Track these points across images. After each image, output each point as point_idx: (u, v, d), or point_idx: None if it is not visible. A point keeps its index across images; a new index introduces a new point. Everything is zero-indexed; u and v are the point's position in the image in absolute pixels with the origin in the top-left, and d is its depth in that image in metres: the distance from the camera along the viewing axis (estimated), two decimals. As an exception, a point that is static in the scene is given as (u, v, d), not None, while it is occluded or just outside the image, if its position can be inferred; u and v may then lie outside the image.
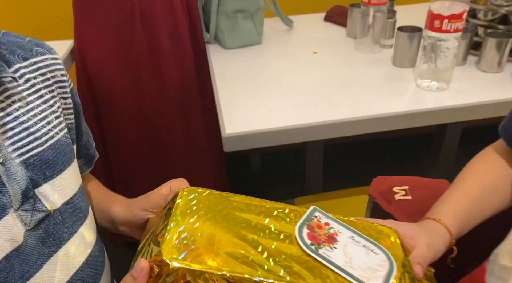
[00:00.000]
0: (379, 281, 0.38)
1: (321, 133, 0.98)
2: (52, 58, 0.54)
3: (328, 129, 0.97)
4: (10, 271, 0.41)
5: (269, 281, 0.36)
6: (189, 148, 1.38)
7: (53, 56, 0.55)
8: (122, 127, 1.30)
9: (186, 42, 1.31)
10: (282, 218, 0.44)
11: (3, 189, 0.41)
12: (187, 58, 1.32)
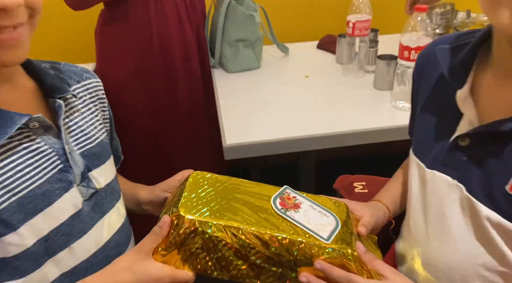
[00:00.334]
0: (326, 233, 0.55)
1: (311, 144, 1.14)
2: (96, 82, 0.72)
3: (317, 141, 1.13)
4: (73, 227, 0.57)
5: (252, 229, 0.53)
6: (195, 156, 1.55)
7: (96, 80, 0.72)
8: (137, 138, 1.47)
9: (195, 65, 1.50)
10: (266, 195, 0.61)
11: (70, 170, 0.57)
12: (196, 79, 1.51)
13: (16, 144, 0.53)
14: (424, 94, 0.64)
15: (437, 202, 0.58)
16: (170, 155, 1.52)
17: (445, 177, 0.56)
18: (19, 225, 0.51)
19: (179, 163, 1.53)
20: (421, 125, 0.64)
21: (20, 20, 0.49)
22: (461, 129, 0.55)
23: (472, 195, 0.53)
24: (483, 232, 0.52)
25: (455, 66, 0.56)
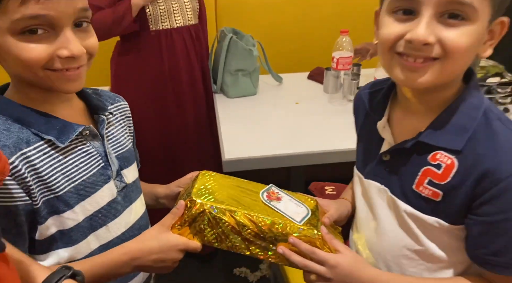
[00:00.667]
0: (299, 218, 0.74)
1: (299, 160, 1.34)
2: (124, 104, 0.91)
3: (305, 158, 1.33)
4: (109, 210, 0.76)
5: (245, 212, 0.72)
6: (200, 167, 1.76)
7: (124, 103, 0.92)
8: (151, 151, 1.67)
9: (200, 91, 1.71)
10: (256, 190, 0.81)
11: (109, 168, 0.77)
12: (201, 103, 1.73)
13: (74, 146, 0.72)
14: (359, 125, 0.84)
15: (372, 201, 0.77)
16: (179, 165, 1.73)
17: (376, 184, 0.75)
18: (74, 205, 0.70)
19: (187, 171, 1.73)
20: (358, 147, 0.84)
21: (82, 63, 0.69)
22: (383, 149, 0.74)
23: (394, 195, 0.71)
24: (403, 221, 0.71)
25: (375, 105, 0.76)
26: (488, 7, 0.58)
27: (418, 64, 0.61)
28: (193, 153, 1.74)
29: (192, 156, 1.74)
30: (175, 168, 1.72)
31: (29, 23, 0.61)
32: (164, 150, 1.70)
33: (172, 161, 1.73)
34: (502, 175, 0.60)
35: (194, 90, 1.70)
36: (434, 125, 0.66)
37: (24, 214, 0.65)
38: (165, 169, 1.72)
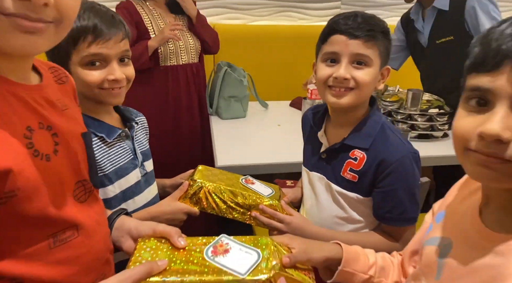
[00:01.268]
0: (267, 192, 1.08)
1: (280, 168, 1.67)
2: (144, 118, 1.26)
3: (285, 166, 1.66)
4: (136, 188, 1.09)
5: (229, 188, 1.06)
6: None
7: (144, 117, 1.26)
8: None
9: (195, 114, 2.08)
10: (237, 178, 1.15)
11: (136, 159, 1.10)
12: (195, 123, 2.09)
13: (115, 142, 1.07)
14: (306, 135, 1.19)
15: (314, 186, 1.11)
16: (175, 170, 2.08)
17: (317, 174, 1.09)
18: (114, 181, 1.04)
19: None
20: (305, 150, 1.19)
21: (123, 85, 1.05)
22: (322, 150, 1.09)
23: (329, 180, 1.05)
24: (334, 197, 1.05)
25: (316, 121, 1.12)
26: (378, 58, 0.96)
27: (341, 92, 0.98)
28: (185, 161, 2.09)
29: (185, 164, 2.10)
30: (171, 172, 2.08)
31: (91, 58, 0.97)
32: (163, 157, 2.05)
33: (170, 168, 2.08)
34: (390, 162, 0.96)
35: (190, 114, 2.09)
36: (352, 133, 1.03)
37: None
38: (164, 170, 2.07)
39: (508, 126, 0.49)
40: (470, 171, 0.55)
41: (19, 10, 0.51)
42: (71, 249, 0.63)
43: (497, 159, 0.50)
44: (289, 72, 2.65)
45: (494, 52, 0.50)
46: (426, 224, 0.74)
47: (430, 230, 0.69)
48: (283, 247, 0.78)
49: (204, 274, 0.67)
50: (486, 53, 0.51)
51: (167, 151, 2.04)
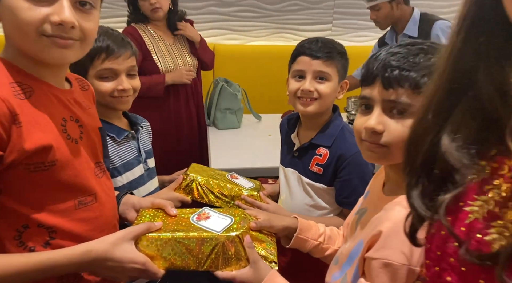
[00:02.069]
0: (251, 186, 1.30)
1: (269, 173, 1.88)
2: (148, 123, 1.49)
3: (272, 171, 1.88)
4: (140, 180, 1.30)
5: (217, 183, 1.28)
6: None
7: (147, 122, 1.49)
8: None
9: (194, 123, 2.32)
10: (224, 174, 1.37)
11: (140, 156, 1.32)
12: (195, 133, 2.32)
13: (123, 142, 1.29)
14: (283, 138, 1.40)
15: (288, 180, 1.31)
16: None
17: (291, 169, 1.30)
18: (122, 173, 1.26)
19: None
20: (282, 150, 1.39)
21: (130, 94, 1.28)
22: (295, 148, 1.30)
23: (300, 174, 1.26)
24: (305, 188, 1.25)
25: (290, 126, 1.34)
26: (337, 74, 1.18)
27: (307, 102, 1.20)
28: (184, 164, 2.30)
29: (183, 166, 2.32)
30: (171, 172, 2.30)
31: (104, 72, 1.20)
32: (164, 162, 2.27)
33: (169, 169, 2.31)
34: (347, 156, 1.17)
35: (189, 124, 2.32)
36: (318, 134, 1.24)
37: None
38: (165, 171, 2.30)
39: (381, 122, 0.73)
40: (363, 154, 0.80)
41: (55, 32, 0.74)
42: (90, 211, 0.85)
43: (376, 144, 0.74)
44: (281, 88, 2.84)
45: (370, 72, 0.75)
46: (360, 201, 0.96)
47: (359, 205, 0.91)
48: (252, 217, 1.00)
49: (189, 232, 0.88)
50: (367, 73, 0.76)
51: (168, 157, 2.26)
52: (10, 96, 0.71)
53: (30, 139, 0.73)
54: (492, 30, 0.46)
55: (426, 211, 0.50)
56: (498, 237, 0.42)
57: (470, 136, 0.48)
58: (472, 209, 0.46)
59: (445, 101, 0.49)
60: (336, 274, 0.85)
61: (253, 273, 0.85)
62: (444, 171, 0.49)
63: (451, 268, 0.48)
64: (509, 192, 0.43)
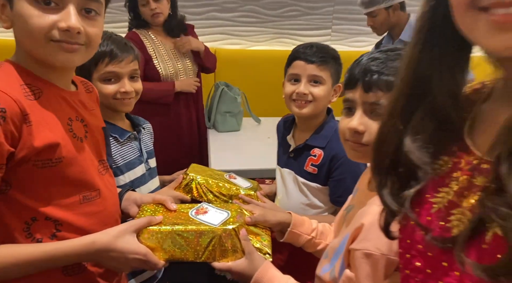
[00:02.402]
0: (248, 186, 1.34)
1: (266, 174, 1.94)
2: (149, 125, 1.54)
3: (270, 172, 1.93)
4: (142, 179, 1.35)
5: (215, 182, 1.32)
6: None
7: (149, 124, 1.54)
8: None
9: (194, 126, 2.37)
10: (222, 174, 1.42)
11: (142, 156, 1.37)
12: (194, 135, 2.38)
13: (126, 142, 1.34)
14: (279, 139, 1.46)
15: (285, 180, 1.36)
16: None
17: (287, 170, 1.35)
18: (124, 172, 1.31)
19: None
20: (278, 151, 1.45)
21: (132, 96, 1.33)
22: (290, 150, 1.35)
23: (296, 174, 1.30)
24: (300, 188, 1.30)
25: (286, 127, 1.39)
26: (330, 78, 1.24)
27: (302, 104, 1.25)
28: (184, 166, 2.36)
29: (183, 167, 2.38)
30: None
31: (108, 75, 1.25)
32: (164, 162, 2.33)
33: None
34: (340, 157, 1.22)
35: (189, 127, 2.38)
36: (313, 135, 1.29)
37: None
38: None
39: (362, 122, 0.81)
40: (348, 153, 0.88)
41: (62, 37, 0.79)
42: (93, 206, 0.90)
43: (359, 144, 0.82)
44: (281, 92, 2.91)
45: (353, 76, 0.81)
46: (349, 199, 1.00)
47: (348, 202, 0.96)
48: (248, 212, 1.05)
49: (188, 225, 0.93)
50: (350, 77, 0.83)
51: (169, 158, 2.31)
52: (21, 97, 0.76)
53: (39, 137, 0.78)
54: (444, 43, 0.51)
55: (396, 206, 0.55)
56: (457, 223, 0.47)
57: (428, 137, 0.53)
58: (436, 200, 0.51)
59: (406, 106, 0.55)
60: (326, 267, 0.90)
61: (248, 264, 0.89)
62: (408, 169, 0.54)
63: (420, 254, 0.53)
64: (466, 182, 0.48)
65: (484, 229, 0.44)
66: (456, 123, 0.52)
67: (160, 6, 2.15)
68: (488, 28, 0.42)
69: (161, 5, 2.15)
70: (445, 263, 0.49)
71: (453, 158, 0.52)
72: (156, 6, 2.14)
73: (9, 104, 0.73)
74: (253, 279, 0.85)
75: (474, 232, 0.44)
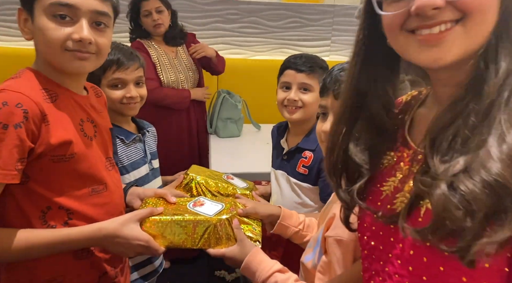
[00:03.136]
0: (244, 186, 1.44)
1: (264, 178, 2.04)
2: (153, 128, 1.64)
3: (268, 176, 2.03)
4: (145, 178, 1.45)
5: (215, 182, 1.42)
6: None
7: (153, 127, 1.65)
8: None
9: (194, 132, 2.48)
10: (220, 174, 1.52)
11: (146, 157, 1.48)
12: (194, 141, 2.49)
13: (131, 143, 1.44)
14: (273, 143, 1.55)
15: (278, 180, 1.46)
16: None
17: (280, 171, 1.44)
18: (130, 172, 1.41)
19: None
20: (273, 154, 1.54)
21: (138, 100, 1.44)
22: (284, 152, 1.45)
23: (288, 175, 1.40)
24: (293, 188, 1.39)
25: (280, 132, 1.49)
26: (318, 85, 1.34)
27: (293, 110, 1.36)
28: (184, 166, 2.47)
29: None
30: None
31: (115, 81, 1.35)
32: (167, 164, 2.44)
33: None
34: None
35: (190, 133, 2.48)
36: (304, 139, 1.40)
37: None
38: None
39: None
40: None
41: (76, 47, 0.91)
42: (101, 198, 1.01)
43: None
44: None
45: (325, 85, 0.93)
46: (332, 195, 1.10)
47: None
48: (241, 204, 1.15)
49: (186, 215, 1.04)
50: (322, 86, 0.95)
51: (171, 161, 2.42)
52: (41, 100, 0.88)
53: (55, 135, 0.89)
54: (377, 65, 0.63)
55: (350, 200, 0.66)
56: (400, 204, 0.58)
57: (368, 142, 0.65)
58: (384, 188, 0.62)
59: (350, 116, 0.66)
60: (309, 255, 0.99)
61: (239, 250, 0.99)
62: (354, 168, 0.65)
63: (373, 234, 0.63)
64: (407, 171, 0.59)
65: (419, 206, 0.54)
66: (389, 131, 0.63)
67: (162, 17, 2.28)
68: (418, 46, 0.53)
69: (163, 16, 2.28)
70: (392, 238, 0.59)
71: (397, 152, 0.63)
72: (158, 17, 2.26)
73: (31, 107, 0.84)
74: (244, 263, 0.95)
75: (411, 208, 0.55)
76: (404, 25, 0.54)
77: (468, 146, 0.48)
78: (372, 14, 0.59)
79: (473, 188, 0.46)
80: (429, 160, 0.51)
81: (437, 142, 0.51)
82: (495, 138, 0.47)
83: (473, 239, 0.45)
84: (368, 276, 0.66)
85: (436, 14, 0.50)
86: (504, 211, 0.45)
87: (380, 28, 0.59)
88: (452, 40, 0.51)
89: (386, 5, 0.56)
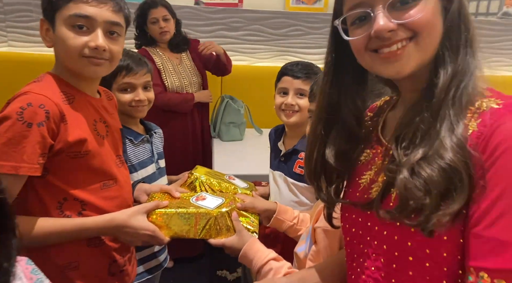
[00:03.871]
0: (245, 186, 1.53)
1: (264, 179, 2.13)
2: (160, 130, 1.74)
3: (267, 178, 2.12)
4: (152, 177, 1.54)
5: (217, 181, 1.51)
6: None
7: (160, 129, 1.75)
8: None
9: (198, 136, 2.57)
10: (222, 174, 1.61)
11: (153, 157, 1.57)
12: (199, 144, 2.58)
13: (139, 144, 1.53)
14: (271, 145, 1.64)
15: (276, 181, 1.54)
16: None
17: (278, 172, 1.52)
18: (138, 170, 1.50)
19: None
20: (271, 156, 1.63)
21: (145, 104, 1.53)
22: (281, 154, 1.54)
23: (286, 175, 1.48)
24: (290, 187, 1.48)
25: (277, 135, 1.58)
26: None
27: (290, 113, 1.45)
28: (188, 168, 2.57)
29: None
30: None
31: (124, 86, 1.45)
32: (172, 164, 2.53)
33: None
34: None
35: (194, 136, 2.58)
36: (300, 141, 1.48)
37: None
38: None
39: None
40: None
41: (92, 54, 1.01)
42: (111, 191, 1.10)
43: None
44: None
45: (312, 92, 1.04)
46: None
47: None
48: (240, 199, 1.24)
49: (189, 208, 1.13)
50: (310, 93, 1.09)
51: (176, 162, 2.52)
52: (60, 102, 0.97)
53: (72, 134, 0.99)
54: (348, 77, 0.73)
55: (330, 200, 0.76)
56: (375, 193, 0.67)
57: (341, 147, 0.75)
58: (362, 181, 0.72)
59: (325, 126, 0.76)
60: (302, 247, 1.08)
61: (238, 240, 1.08)
62: (331, 171, 0.75)
63: (354, 222, 0.73)
64: (380, 165, 0.69)
65: (390, 193, 0.64)
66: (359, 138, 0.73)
67: (168, 25, 2.39)
68: (381, 63, 0.64)
69: (169, 24, 2.40)
70: (369, 222, 0.68)
71: (372, 149, 0.73)
72: (165, 25, 2.38)
73: (52, 107, 0.94)
74: (242, 251, 1.04)
75: (384, 195, 0.64)
76: (368, 45, 0.65)
77: (425, 138, 0.58)
78: (338, 39, 0.69)
79: (431, 173, 0.56)
80: (394, 152, 0.61)
81: (401, 138, 0.61)
82: (446, 131, 0.57)
83: (431, 213, 0.55)
84: (351, 259, 0.75)
85: (392, 35, 0.61)
86: (454, 189, 0.55)
87: (346, 50, 0.69)
88: (407, 55, 0.62)
89: (351, 31, 0.67)
